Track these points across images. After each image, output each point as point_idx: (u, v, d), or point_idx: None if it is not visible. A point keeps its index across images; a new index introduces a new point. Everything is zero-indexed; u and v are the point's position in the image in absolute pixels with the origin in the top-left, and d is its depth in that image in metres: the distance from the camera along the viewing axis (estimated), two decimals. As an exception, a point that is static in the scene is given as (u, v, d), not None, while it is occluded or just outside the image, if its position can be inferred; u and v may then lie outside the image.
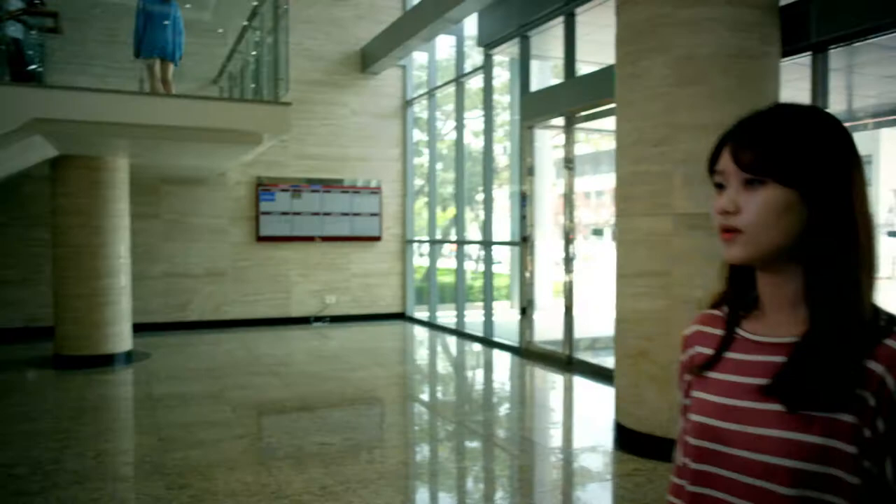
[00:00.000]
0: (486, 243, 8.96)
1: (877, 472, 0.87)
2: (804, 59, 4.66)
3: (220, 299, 9.90)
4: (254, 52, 8.02)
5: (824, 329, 0.90)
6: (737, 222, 0.93)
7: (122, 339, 7.42)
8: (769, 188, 0.91)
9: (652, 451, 4.21)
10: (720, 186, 0.97)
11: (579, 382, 6.56)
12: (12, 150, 6.00)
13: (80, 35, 8.38)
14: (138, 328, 7.93)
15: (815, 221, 0.91)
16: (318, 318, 10.37)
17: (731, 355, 1.00)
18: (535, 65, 8.15)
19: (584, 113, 6.88)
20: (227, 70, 9.26)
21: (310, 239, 10.33)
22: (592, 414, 5.58)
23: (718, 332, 1.04)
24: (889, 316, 0.92)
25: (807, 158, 0.91)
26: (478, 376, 7.61)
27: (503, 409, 6.01)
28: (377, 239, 10.73)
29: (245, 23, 8.15)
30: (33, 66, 7.44)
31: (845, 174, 0.92)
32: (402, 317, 10.88)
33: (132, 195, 7.67)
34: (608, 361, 6.10)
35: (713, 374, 1.01)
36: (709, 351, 1.04)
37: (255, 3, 7.64)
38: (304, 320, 10.29)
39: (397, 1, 10.81)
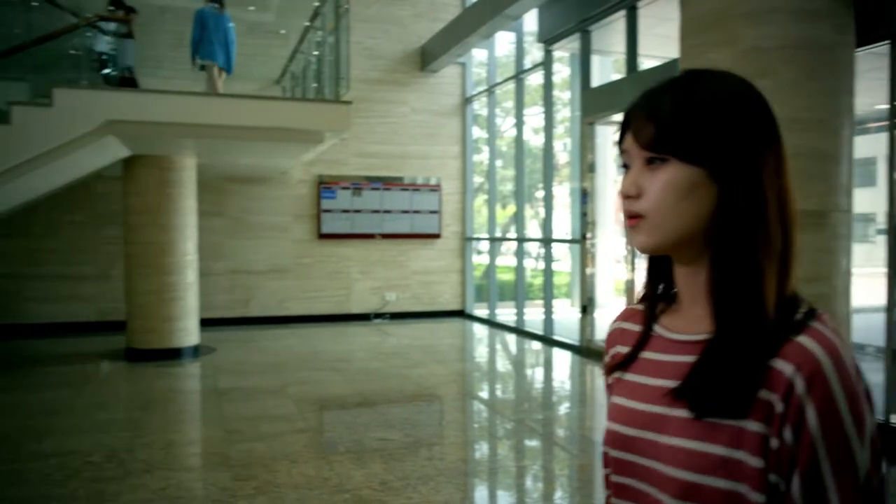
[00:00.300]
0: (546, 241, 8.89)
1: (784, 489, 0.75)
2: (882, 49, 4.46)
3: (282, 295, 10.10)
4: (315, 52, 8.14)
5: (726, 326, 0.79)
6: (639, 207, 0.83)
7: (190, 333, 7.64)
8: (671, 167, 0.80)
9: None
10: (626, 167, 0.86)
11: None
12: (88, 151, 6.24)
13: (149, 39, 8.65)
14: (204, 323, 8.15)
15: (722, 204, 0.80)
16: (378, 315, 10.47)
17: (646, 355, 0.89)
18: (595, 60, 8.03)
19: (646, 108, 6.74)
20: (289, 70, 9.43)
21: (370, 236, 10.44)
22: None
23: (638, 328, 0.93)
24: (809, 309, 0.80)
25: (712, 132, 0.79)
26: (537, 374, 7.56)
27: (563, 408, 5.95)
28: (437, 236, 10.77)
29: (307, 23, 8.28)
30: (107, 71, 7.72)
31: (757, 150, 0.80)
32: (461, 314, 10.89)
33: (199, 194, 7.88)
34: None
35: (628, 376, 0.90)
36: (626, 350, 0.93)
37: (317, 4, 7.75)
38: (364, 317, 10.41)
39: (457, -1, 10.82)
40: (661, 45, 6.47)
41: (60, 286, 9.18)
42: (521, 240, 9.60)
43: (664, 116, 0.81)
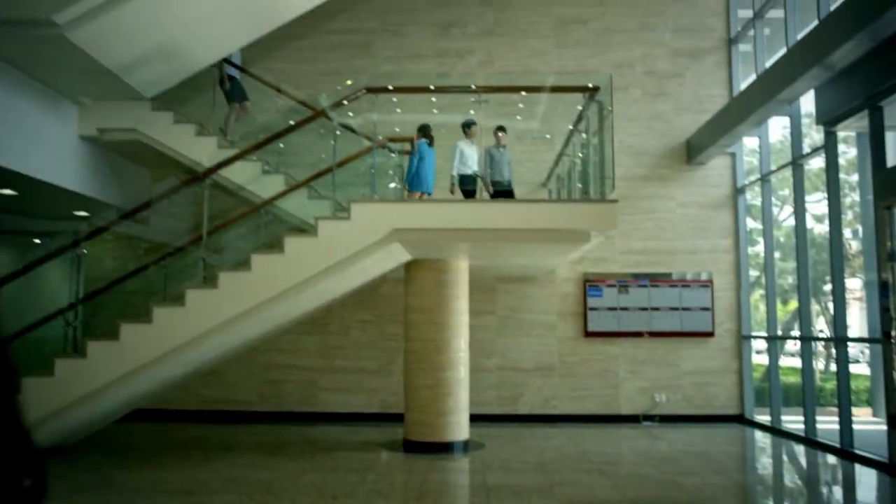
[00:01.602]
0: (839, 339, 7.93)
1: None
2: None
3: (548, 393, 10.12)
4: (580, 154, 8.36)
5: None
6: None
7: (461, 428, 7.92)
8: None
9: None
10: None
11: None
12: (377, 257, 6.96)
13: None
14: (474, 418, 8.39)
15: None
16: (647, 417, 10.00)
17: None
18: (890, 137, 7.24)
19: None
20: (554, 173, 9.76)
21: (638, 334, 10.15)
22: None
23: None
24: None
25: None
26: (834, 493, 6.62)
27: (873, 537, 5.11)
28: (709, 334, 10.15)
29: (571, 127, 8.58)
30: (394, 185, 8.63)
31: None
32: (739, 419, 10.00)
33: (471, 293, 8.31)
34: None
35: None
36: None
37: (580, 108, 8.01)
38: (632, 418, 10.01)
39: (722, 89, 10.54)
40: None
41: (349, 379, 10.15)
42: (808, 338, 8.66)
43: None
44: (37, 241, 11.77)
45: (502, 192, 7.79)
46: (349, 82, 7.98)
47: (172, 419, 9.78)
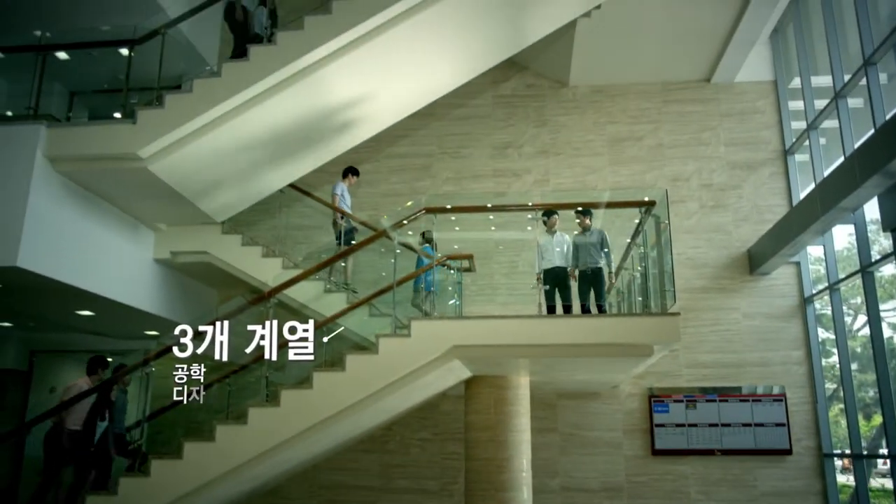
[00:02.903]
0: (931, 459, 7.40)
1: None
2: None
3: (617, 516, 9.63)
4: (639, 267, 8.33)
5: None
6: None
7: (526, 553, 7.56)
8: None
9: None
10: None
11: None
12: (437, 374, 6.95)
13: (487, 269, 9.63)
14: (540, 543, 8.03)
15: None
16: (726, 543, 9.37)
17: None
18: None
19: None
20: (613, 286, 9.72)
21: (709, 452, 9.68)
22: None
23: None
24: None
25: None
26: None
27: None
28: (787, 452, 9.61)
29: (628, 241, 8.60)
30: (453, 302, 8.72)
31: None
32: (827, 547, 9.28)
33: (532, 410, 8.14)
34: None
35: None
36: None
37: (637, 222, 8.06)
38: (709, 545, 9.39)
39: (781, 199, 10.49)
40: None
41: (410, 500, 9.88)
42: (897, 457, 8.12)
43: None
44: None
45: (588, 275, 7.76)
46: (409, 203, 8.25)
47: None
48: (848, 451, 9.43)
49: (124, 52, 7.85)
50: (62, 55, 8.23)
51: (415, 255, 8.55)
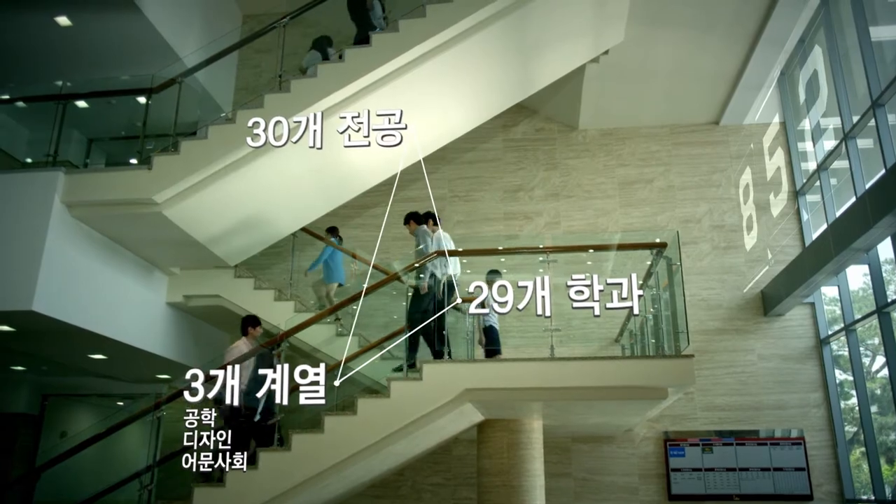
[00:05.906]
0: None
1: None
2: None
3: (635, 565, 9.40)
4: (651, 309, 8.29)
5: None
6: None
7: None
8: None
9: None
10: None
11: None
12: (449, 418, 6.88)
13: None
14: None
15: None
16: None
17: None
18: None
19: None
20: (626, 328, 9.66)
21: (727, 497, 9.47)
22: None
23: None
24: None
25: None
26: None
27: None
28: (808, 497, 9.38)
29: (640, 283, 8.58)
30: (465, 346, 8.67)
31: None
32: None
33: (545, 454, 8.03)
34: None
35: None
36: None
37: (648, 264, 8.05)
38: None
39: (793, 239, 10.45)
40: None
41: (422, 548, 9.70)
42: (921, 503, 7.92)
43: None
44: (120, 403, 12.15)
45: None
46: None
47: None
48: (872, 498, 9.20)
49: (142, 100, 8.03)
50: (81, 104, 8.43)
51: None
